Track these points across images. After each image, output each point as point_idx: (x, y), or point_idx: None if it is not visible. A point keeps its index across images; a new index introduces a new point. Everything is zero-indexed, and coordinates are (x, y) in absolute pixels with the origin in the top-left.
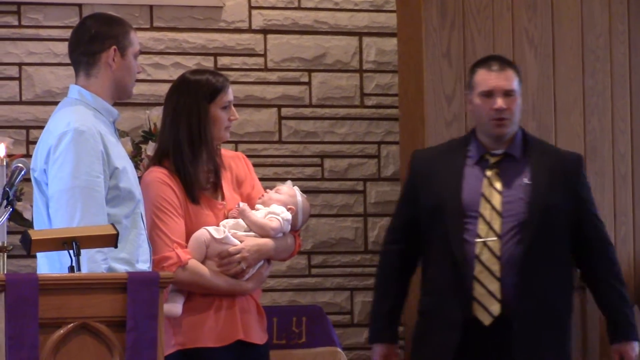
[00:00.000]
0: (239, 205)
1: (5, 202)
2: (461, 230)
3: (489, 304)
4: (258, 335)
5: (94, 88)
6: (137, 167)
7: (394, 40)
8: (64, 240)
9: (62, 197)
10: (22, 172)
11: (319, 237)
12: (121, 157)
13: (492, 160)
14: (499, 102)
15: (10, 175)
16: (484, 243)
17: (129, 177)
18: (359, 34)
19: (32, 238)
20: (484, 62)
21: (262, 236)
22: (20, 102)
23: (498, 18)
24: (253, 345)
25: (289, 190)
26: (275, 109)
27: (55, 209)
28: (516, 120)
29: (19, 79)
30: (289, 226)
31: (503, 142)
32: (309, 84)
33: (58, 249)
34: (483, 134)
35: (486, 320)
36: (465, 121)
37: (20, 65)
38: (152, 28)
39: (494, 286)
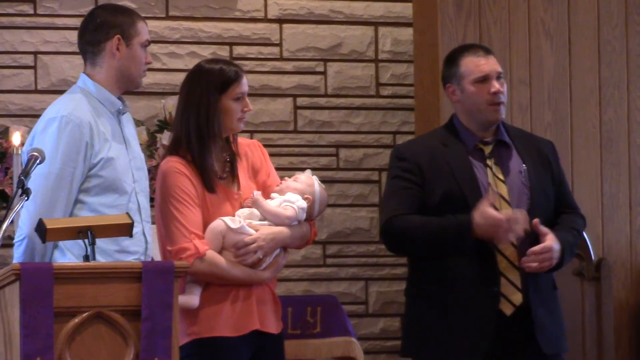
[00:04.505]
0: (253, 194)
1: (20, 191)
2: None
3: (510, 294)
4: (274, 325)
5: (99, 77)
6: (152, 156)
7: (410, 30)
8: (79, 229)
9: (36, 180)
10: (37, 161)
11: (334, 227)
12: (114, 149)
13: (487, 149)
14: (496, 85)
15: (25, 164)
16: None
17: (117, 168)
18: (375, 24)
19: (47, 227)
20: (466, 50)
21: (277, 225)
22: (36, 91)
23: (514, 8)
24: (268, 335)
25: (307, 179)
26: (290, 99)
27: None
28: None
29: (35, 67)
30: (304, 214)
31: (491, 129)
32: (324, 73)
33: (73, 238)
34: (475, 122)
35: (508, 310)
36: None
37: (35, 54)
38: (168, 17)
39: (514, 275)
